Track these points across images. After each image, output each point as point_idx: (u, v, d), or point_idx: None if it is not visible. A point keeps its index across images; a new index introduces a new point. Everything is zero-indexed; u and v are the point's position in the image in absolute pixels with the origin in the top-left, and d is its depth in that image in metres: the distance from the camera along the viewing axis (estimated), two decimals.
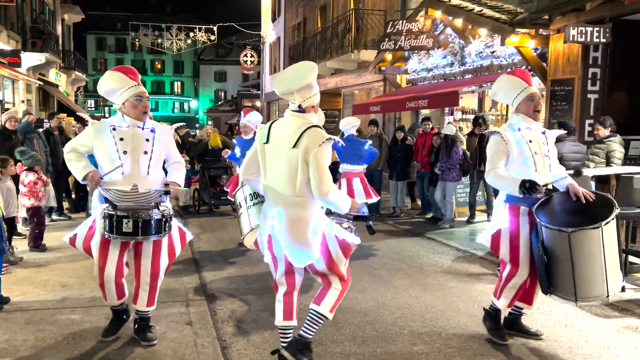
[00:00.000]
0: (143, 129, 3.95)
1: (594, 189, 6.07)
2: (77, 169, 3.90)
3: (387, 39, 11.67)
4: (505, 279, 4.02)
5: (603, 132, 6.94)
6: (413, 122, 13.10)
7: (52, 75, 23.34)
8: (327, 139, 3.29)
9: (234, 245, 7.59)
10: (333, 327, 4.42)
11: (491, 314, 4.19)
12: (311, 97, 3.42)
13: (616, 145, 6.82)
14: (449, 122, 11.79)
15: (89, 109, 55.81)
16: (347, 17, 16.34)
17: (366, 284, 5.67)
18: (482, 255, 6.91)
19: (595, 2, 7.48)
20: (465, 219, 9.29)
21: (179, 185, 4.03)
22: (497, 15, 9.05)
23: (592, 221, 3.62)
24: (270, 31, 29.25)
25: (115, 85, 3.97)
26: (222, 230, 8.80)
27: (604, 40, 7.48)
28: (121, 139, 3.85)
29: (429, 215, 9.67)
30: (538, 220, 3.76)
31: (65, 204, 10.08)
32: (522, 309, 4.22)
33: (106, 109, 59.78)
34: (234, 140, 8.68)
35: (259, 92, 32.35)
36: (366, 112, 13.70)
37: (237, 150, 7.55)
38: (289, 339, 3.62)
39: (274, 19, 28.34)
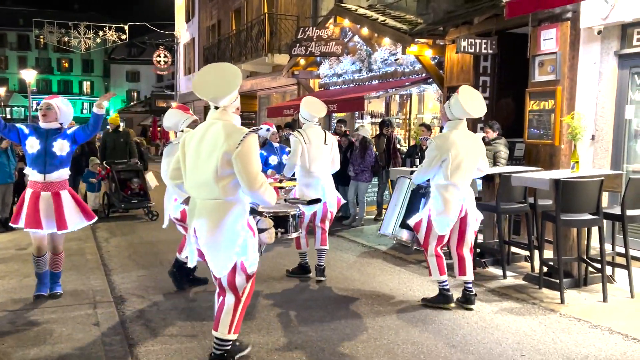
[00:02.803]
0: None
1: (480, 187, 6.73)
2: None
3: (298, 45, 12.02)
4: None
5: (491, 134, 7.63)
6: (326, 124, 13.54)
7: None
8: (245, 135, 3.36)
9: (143, 249, 7.60)
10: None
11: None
12: (235, 100, 3.59)
13: (501, 147, 7.52)
14: (362, 125, 12.34)
15: None
16: (261, 21, 16.56)
17: (274, 281, 5.93)
18: (385, 250, 7.37)
19: (483, 17, 8.20)
20: (373, 217, 9.78)
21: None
22: (398, 25, 9.63)
23: None
24: (184, 32, 28.87)
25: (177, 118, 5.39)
26: (132, 234, 8.74)
27: (491, 51, 8.21)
28: None
29: (338, 214, 10.07)
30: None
31: None
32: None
33: (7, 109, 56.23)
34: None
35: (174, 92, 31.77)
36: (280, 115, 14.01)
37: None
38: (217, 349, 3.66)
39: (188, 20, 28.01)
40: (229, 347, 3.66)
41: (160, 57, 29.25)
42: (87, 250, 7.36)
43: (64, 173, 5.05)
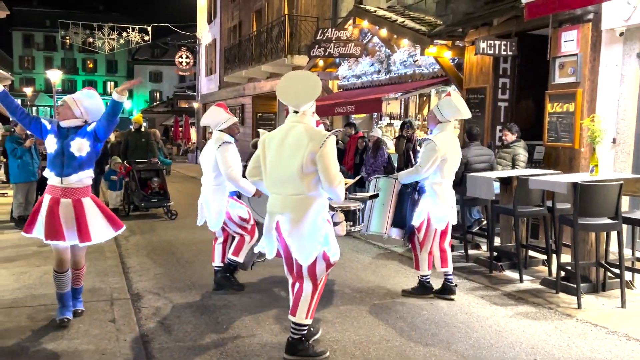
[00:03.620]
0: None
1: (498, 190, 6.67)
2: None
3: (317, 46, 12.05)
4: None
5: (510, 137, 7.56)
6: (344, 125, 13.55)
7: None
8: (327, 136, 3.70)
9: (162, 248, 7.70)
10: (254, 322, 4.69)
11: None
12: (312, 105, 3.90)
13: (520, 150, 7.44)
14: (381, 126, 12.35)
15: None
16: (282, 22, 16.64)
17: (286, 282, 5.95)
18: (401, 252, 7.36)
19: (502, 18, 8.13)
20: None
21: None
22: (417, 26, 9.59)
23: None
24: (206, 33, 29.12)
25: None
26: (151, 232, 8.86)
27: (511, 53, 8.13)
28: None
29: None
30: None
31: None
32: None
33: (33, 108, 57.35)
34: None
35: (195, 93, 32.08)
36: None
37: None
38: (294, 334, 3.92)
39: (210, 21, 28.24)
40: (305, 332, 3.92)
41: (182, 57, 29.53)
42: (106, 248, 7.46)
43: (85, 177, 4.40)
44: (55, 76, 28.36)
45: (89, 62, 63.12)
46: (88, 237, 4.33)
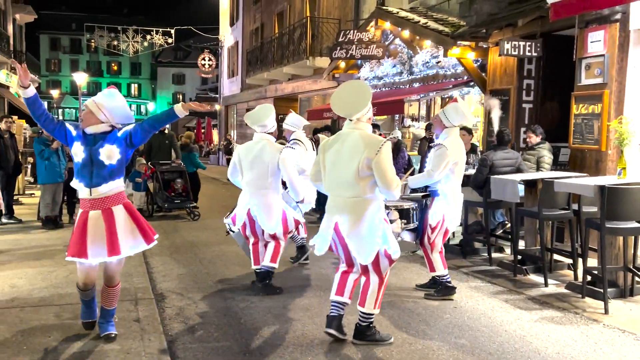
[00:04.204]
0: None
1: (522, 193, 6.57)
2: None
3: (338, 48, 12.05)
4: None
5: (534, 139, 7.46)
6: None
7: (3, 76, 22.82)
8: (383, 143, 3.92)
9: (185, 248, 7.78)
10: (275, 321, 4.70)
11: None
12: (368, 112, 4.10)
13: (545, 152, 7.34)
14: (404, 127, 12.29)
15: None
16: (303, 24, 16.68)
17: (312, 282, 5.97)
18: (422, 255, 7.29)
19: (527, 19, 8.02)
20: None
21: None
22: (440, 27, 9.53)
23: None
24: (228, 35, 29.34)
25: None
26: (174, 233, 8.95)
27: (536, 54, 8.02)
28: None
29: None
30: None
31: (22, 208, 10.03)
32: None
33: (59, 110, 58.43)
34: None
35: (217, 95, 32.34)
36: (320, 118, 14.07)
37: None
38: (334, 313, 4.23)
39: (232, 24, 28.46)
40: (372, 320, 4.24)
41: (205, 60, 29.77)
42: None
43: (116, 186, 4.05)
44: (80, 79, 28.86)
45: (113, 64, 64.08)
46: (117, 249, 3.96)
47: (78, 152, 4.01)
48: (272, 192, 5.47)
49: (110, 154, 3.99)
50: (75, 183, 4.06)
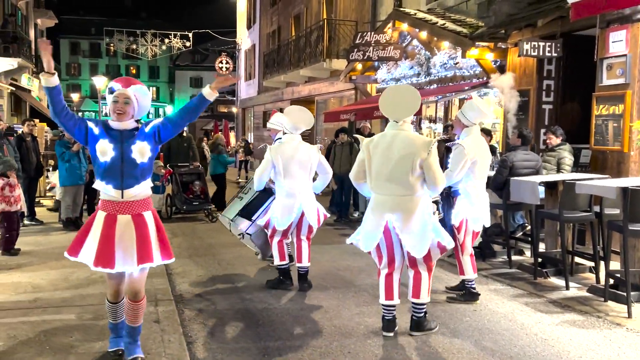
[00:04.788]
0: None
1: (543, 195, 6.50)
2: None
3: (355, 50, 12.04)
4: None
5: (554, 140, 7.37)
6: (382, 130, 13.48)
7: (24, 80, 23.23)
8: (433, 144, 4.16)
9: (203, 250, 7.82)
10: (294, 323, 4.70)
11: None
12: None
13: (566, 153, 7.25)
14: (420, 129, 12.22)
15: None
16: (320, 26, 16.70)
17: (328, 284, 5.96)
18: (441, 257, 7.24)
19: (547, 19, 7.94)
20: None
21: None
22: (458, 28, 9.48)
23: None
24: (245, 38, 29.50)
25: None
26: (193, 235, 9.01)
27: (555, 54, 7.93)
28: None
29: None
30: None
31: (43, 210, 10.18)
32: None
33: (79, 114, 59.16)
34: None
35: (235, 98, 32.52)
36: (337, 120, 14.06)
37: None
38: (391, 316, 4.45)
39: (249, 27, 28.61)
40: (425, 309, 4.51)
41: (222, 63, 29.96)
42: None
43: (147, 187, 3.72)
44: (100, 82, 29.24)
45: (132, 68, 64.80)
46: (150, 256, 3.61)
47: (105, 150, 3.58)
48: (311, 190, 5.80)
49: (142, 151, 3.65)
50: (100, 185, 3.64)
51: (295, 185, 5.63)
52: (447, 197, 5.41)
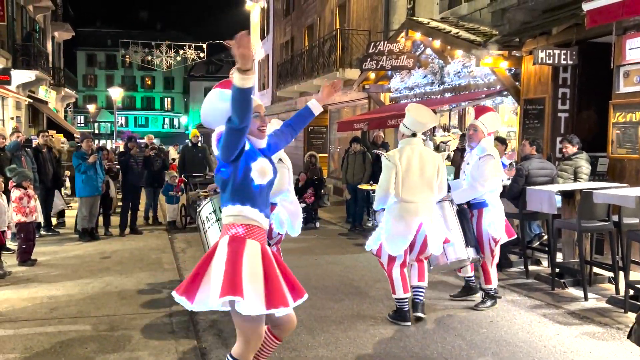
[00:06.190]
0: None
1: (559, 204, 6.42)
2: None
3: (369, 59, 12.03)
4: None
5: (571, 149, 7.28)
6: (395, 139, 13.43)
7: (42, 92, 23.55)
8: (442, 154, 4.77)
9: None
10: (308, 334, 4.67)
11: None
12: None
13: (583, 162, 7.15)
14: (431, 138, 12.15)
15: (78, 125, 55.90)
16: (333, 36, 16.75)
17: (343, 295, 5.93)
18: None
19: (562, 27, 7.87)
20: None
21: None
22: (472, 37, 9.43)
23: None
24: (259, 49, 29.66)
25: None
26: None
27: (571, 62, 7.86)
28: None
29: None
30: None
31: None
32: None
33: (95, 124, 59.93)
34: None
35: None
36: (350, 129, 14.06)
37: None
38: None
39: (262, 37, 28.78)
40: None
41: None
42: (165, 260, 7.67)
43: None
44: (116, 93, 29.59)
45: (147, 79, 65.50)
46: (301, 291, 3.03)
47: (266, 170, 2.93)
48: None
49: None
50: (251, 211, 2.90)
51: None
52: (464, 210, 5.35)
